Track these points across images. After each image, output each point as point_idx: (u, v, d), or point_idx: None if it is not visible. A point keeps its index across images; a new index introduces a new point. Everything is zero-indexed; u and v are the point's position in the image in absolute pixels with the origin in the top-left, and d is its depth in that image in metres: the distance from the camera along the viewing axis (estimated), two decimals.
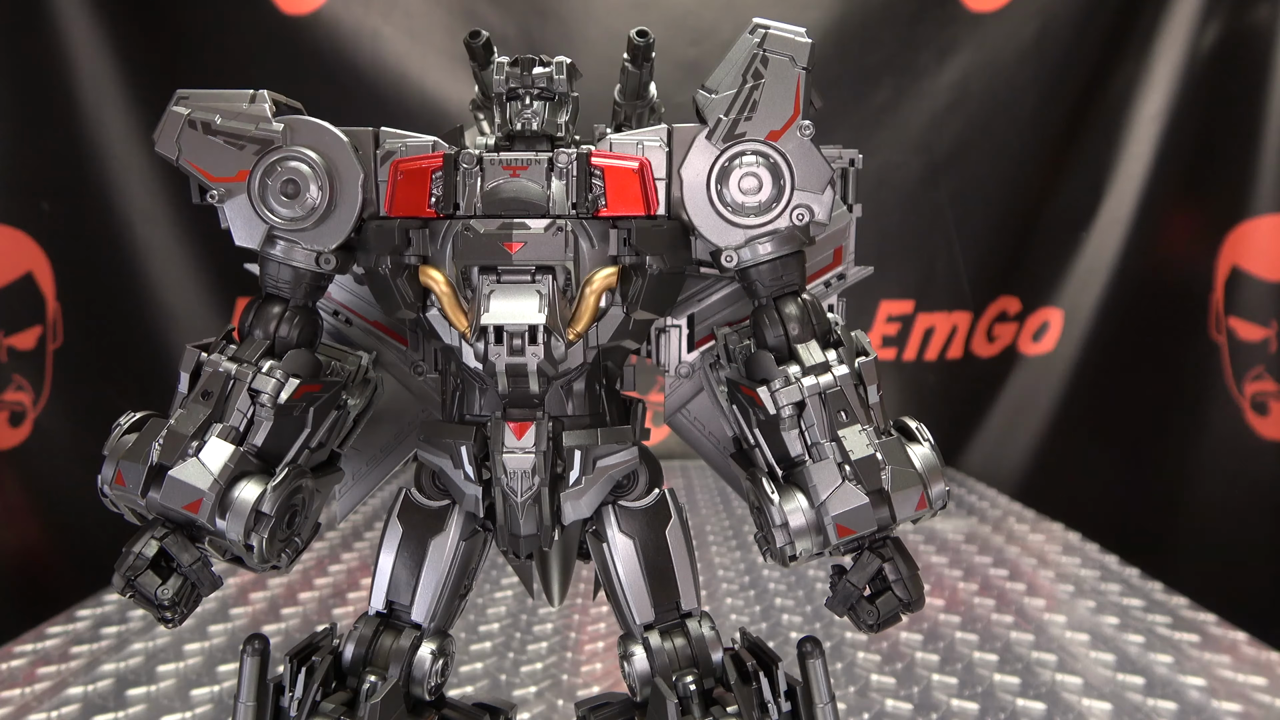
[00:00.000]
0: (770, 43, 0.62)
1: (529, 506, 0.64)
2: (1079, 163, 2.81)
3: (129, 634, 1.64)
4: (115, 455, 0.65)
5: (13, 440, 2.35)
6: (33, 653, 1.58)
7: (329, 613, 1.73)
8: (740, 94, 0.62)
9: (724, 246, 0.64)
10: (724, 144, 0.63)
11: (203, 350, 0.66)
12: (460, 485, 0.67)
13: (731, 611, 1.73)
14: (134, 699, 1.40)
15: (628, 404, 0.73)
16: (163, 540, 0.63)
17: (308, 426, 0.65)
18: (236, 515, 0.62)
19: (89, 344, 2.48)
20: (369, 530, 2.21)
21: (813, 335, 0.64)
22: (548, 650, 1.56)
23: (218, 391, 0.64)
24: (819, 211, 0.63)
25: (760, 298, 0.66)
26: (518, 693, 1.39)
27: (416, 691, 0.71)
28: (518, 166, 0.62)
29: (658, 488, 0.73)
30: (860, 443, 0.60)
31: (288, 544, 0.67)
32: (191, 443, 0.63)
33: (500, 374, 0.61)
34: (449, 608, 0.73)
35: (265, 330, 0.67)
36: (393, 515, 0.73)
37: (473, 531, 0.73)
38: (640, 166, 0.63)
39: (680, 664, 0.70)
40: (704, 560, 1.95)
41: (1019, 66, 2.75)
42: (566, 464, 0.66)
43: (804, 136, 0.62)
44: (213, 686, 1.43)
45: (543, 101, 0.63)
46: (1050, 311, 2.88)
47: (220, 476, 0.62)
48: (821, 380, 0.61)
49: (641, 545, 0.72)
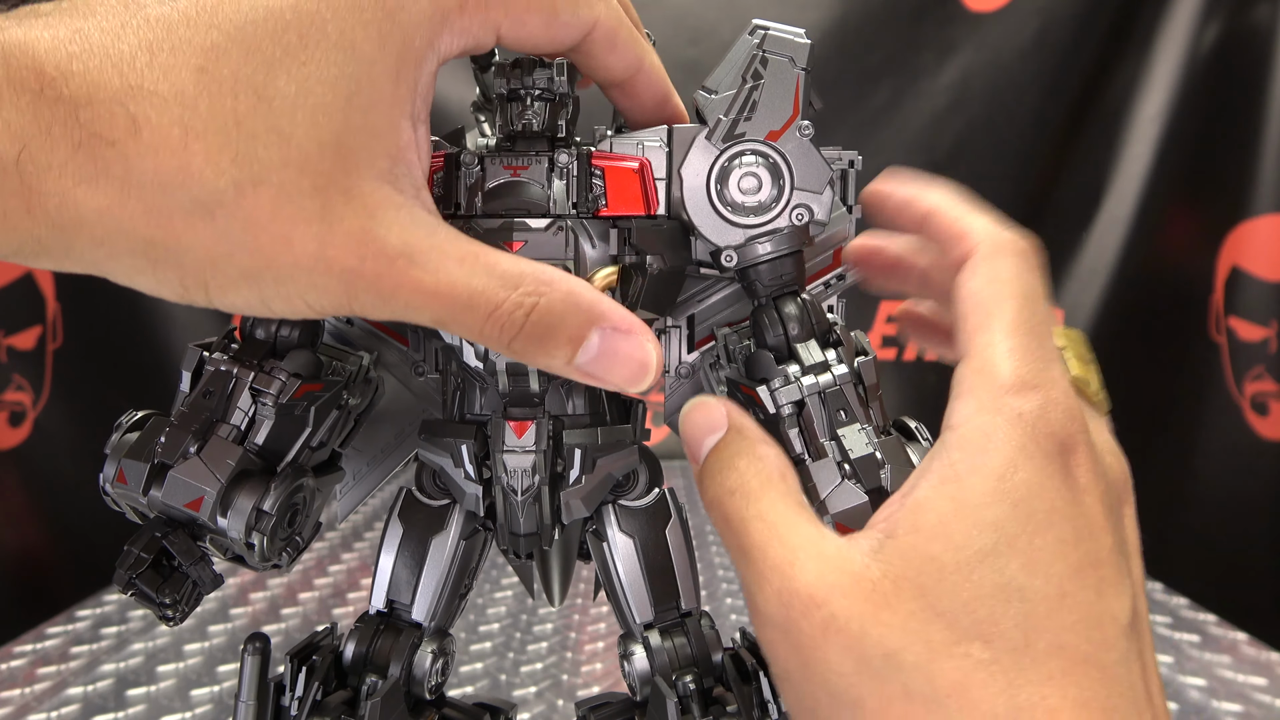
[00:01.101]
0: (769, 43, 0.62)
1: (529, 505, 0.65)
2: (1079, 163, 2.81)
3: (129, 634, 1.64)
4: (117, 453, 0.65)
5: (13, 440, 2.35)
6: (33, 653, 1.58)
7: (329, 613, 1.73)
8: (740, 94, 0.63)
9: (723, 246, 0.64)
10: (724, 144, 0.63)
11: (205, 349, 0.67)
12: (461, 484, 0.67)
13: (731, 611, 1.73)
14: (134, 699, 1.40)
15: (628, 404, 0.73)
16: (164, 538, 0.63)
17: (309, 425, 0.66)
18: (238, 513, 0.62)
19: (89, 344, 2.48)
20: (369, 530, 2.22)
21: (812, 335, 0.64)
22: (548, 650, 1.56)
23: (219, 390, 0.64)
24: (818, 211, 0.63)
25: (760, 297, 0.66)
26: (518, 693, 1.39)
27: (417, 690, 0.71)
28: (518, 166, 0.62)
29: (658, 487, 0.73)
30: (860, 441, 0.60)
31: (289, 543, 0.67)
32: (193, 441, 0.63)
33: (501, 373, 0.61)
34: (449, 607, 0.73)
35: (267, 329, 0.67)
36: (393, 514, 0.73)
37: (473, 531, 0.73)
38: (640, 166, 0.64)
39: (680, 663, 0.70)
40: (704, 560, 1.95)
41: (1019, 66, 2.75)
42: (566, 463, 0.66)
43: (803, 137, 0.63)
44: (213, 686, 1.44)
45: (543, 102, 0.63)
46: None
47: (222, 475, 0.62)
48: (821, 379, 0.61)
49: (641, 544, 0.72)
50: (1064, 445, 0.51)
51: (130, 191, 0.44)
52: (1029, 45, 2.74)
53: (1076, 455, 0.51)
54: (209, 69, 0.45)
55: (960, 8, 2.74)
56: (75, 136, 0.43)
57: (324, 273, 0.47)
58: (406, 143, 0.51)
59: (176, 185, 0.44)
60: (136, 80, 0.43)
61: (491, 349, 0.51)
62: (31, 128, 0.42)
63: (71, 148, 0.43)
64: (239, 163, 0.45)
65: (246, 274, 0.47)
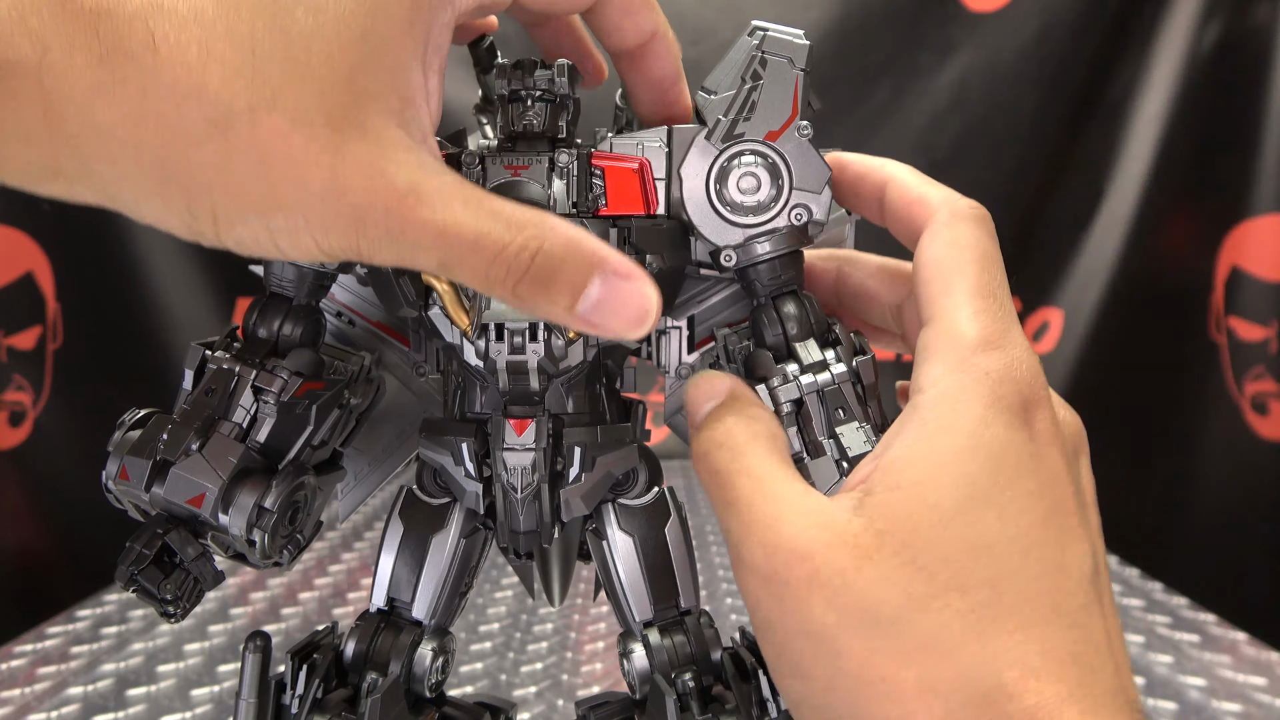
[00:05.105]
0: (768, 44, 0.63)
1: (529, 503, 0.65)
2: (1079, 163, 2.82)
3: (129, 634, 1.65)
4: (120, 450, 0.65)
5: (13, 440, 2.35)
6: (33, 653, 1.58)
7: (329, 612, 1.73)
8: (739, 95, 0.63)
9: (723, 246, 0.64)
10: (723, 144, 0.63)
11: (207, 348, 0.67)
12: (461, 482, 0.68)
13: (731, 611, 1.74)
14: (134, 699, 1.40)
15: (628, 403, 0.74)
16: (166, 535, 0.64)
17: (310, 424, 0.66)
18: (239, 510, 0.63)
19: (89, 344, 2.48)
20: (369, 530, 2.22)
21: (811, 334, 0.65)
22: (548, 650, 1.56)
23: (222, 388, 0.64)
24: (817, 211, 0.64)
25: (759, 297, 0.66)
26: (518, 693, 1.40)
27: (417, 688, 0.71)
28: (519, 167, 0.62)
29: (657, 486, 0.74)
30: (858, 440, 0.60)
31: (290, 540, 0.67)
32: (195, 438, 0.63)
33: (501, 371, 0.62)
34: (450, 605, 0.73)
35: (269, 328, 0.67)
36: (394, 513, 0.73)
37: (474, 529, 0.73)
38: (640, 166, 0.64)
39: (680, 662, 0.71)
40: (704, 560, 1.95)
41: (1019, 66, 2.75)
42: (566, 461, 0.66)
43: (802, 137, 0.63)
44: (213, 686, 1.44)
45: (544, 104, 0.63)
46: (1050, 311, 2.88)
47: (223, 472, 0.62)
48: (819, 378, 0.62)
49: (641, 543, 0.72)
50: (1027, 401, 0.53)
51: (146, 106, 0.44)
52: (1029, 45, 2.74)
53: (1039, 410, 0.53)
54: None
55: (960, 8, 2.74)
56: (95, 48, 0.43)
57: (334, 203, 0.46)
58: (416, 87, 0.50)
59: (191, 103, 0.44)
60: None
61: (495, 295, 0.51)
62: (54, 35, 0.42)
63: (91, 59, 0.43)
64: (254, 86, 0.44)
65: (255, 204, 0.46)
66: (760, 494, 0.54)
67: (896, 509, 0.51)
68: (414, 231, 0.47)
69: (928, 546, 0.49)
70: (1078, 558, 0.51)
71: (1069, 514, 0.52)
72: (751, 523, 0.54)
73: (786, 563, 0.51)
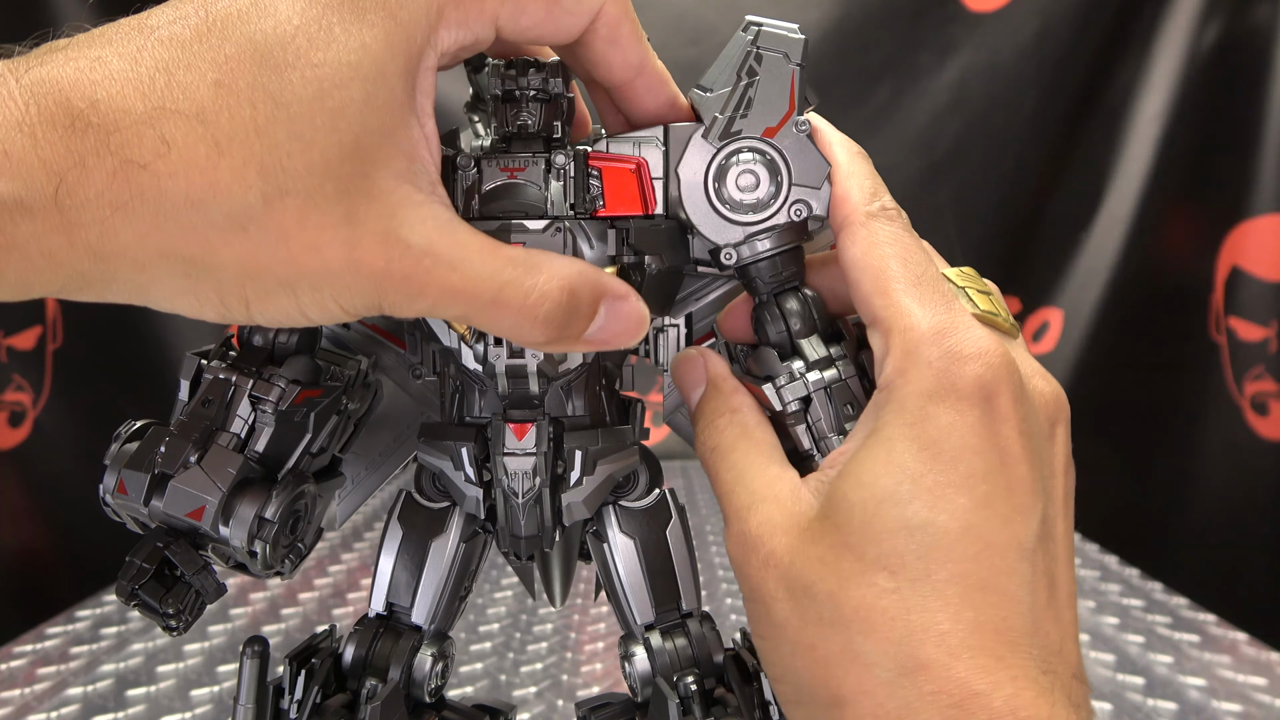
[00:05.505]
0: (764, 40, 0.62)
1: (530, 507, 0.64)
2: (1079, 163, 2.81)
3: (129, 634, 1.64)
4: (117, 464, 0.64)
5: (13, 440, 2.35)
6: (33, 653, 1.58)
7: (329, 613, 1.73)
8: (735, 91, 0.62)
9: (723, 244, 0.64)
10: (720, 141, 0.63)
11: (202, 358, 0.66)
12: (461, 487, 0.67)
13: (732, 612, 1.73)
14: (134, 699, 1.40)
15: (627, 404, 0.73)
16: (166, 548, 0.63)
17: (309, 431, 0.65)
18: (240, 522, 0.62)
19: (89, 344, 2.48)
20: (369, 531, 2.22)
21: (814, 330, 0.64)
22: (548, 650, 1.56)
23: (219, 399, 0.64)
24: (817, 206, 0.63)
25: (761, 294, 0.66)
26: (518, 693, 1.39)
27: (417, 694, 0.71)
28: (515, 168, 0.62)
29: (658, 488, 0.73)
30: None
31: (291, 550, 0.66)
32: (194, 450, 0.63)
33: (500, 375, 0.61)
34: (449, 610, 0.73)
35: (265, 336, 0.67)
36: (393, 517, 0.73)
37: (473, 533, 0.72)
38: (637, 166, 0.63)
39: (681, 664, 0.70)
40: (704, 560, 1.95)
41: (1019, 66, 2.75)
42: (567, 465, 0.66)
43: (800, 132, 0.62)
44: (213, 687, 1.44)
45: (538, 104, 0.63)
46: (1050, 311, 2.88)
47: (223, 484, 0.62)
48: (826, 375, 0.61)
49: (642, 545, 0.72)
50: (979, 381, 0.54)
51: (165, 213, 0.45)
52: (1029, 45, 2.73)
53: (994, 388, 0.55)
54: (225, 82, 0.45)
55: (960, 8, 2.74)
56: (108, 165, 0.43)
57: (354, 276, 0.48)
58: (418, 141, 0.52)
59: (208, 203, 0.45)
60: (159, 101, 0.44)
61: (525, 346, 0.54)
62: (66, 161, 0.43)
63: (106, 176, 0.43)
64: (264, 175, 0.45)
65: (282, 284, 0.48)
66: (739, 487, 0.60)
67: (839, 495, 0.55)
68: (434, 292, 0.50)
69: (858, 530, 0.53)
70: (1021, 534, 0.53)
71: (1018, 491, 0.54)
72: (730, 515, 0.59)
73: (752, 546, 0.57)
